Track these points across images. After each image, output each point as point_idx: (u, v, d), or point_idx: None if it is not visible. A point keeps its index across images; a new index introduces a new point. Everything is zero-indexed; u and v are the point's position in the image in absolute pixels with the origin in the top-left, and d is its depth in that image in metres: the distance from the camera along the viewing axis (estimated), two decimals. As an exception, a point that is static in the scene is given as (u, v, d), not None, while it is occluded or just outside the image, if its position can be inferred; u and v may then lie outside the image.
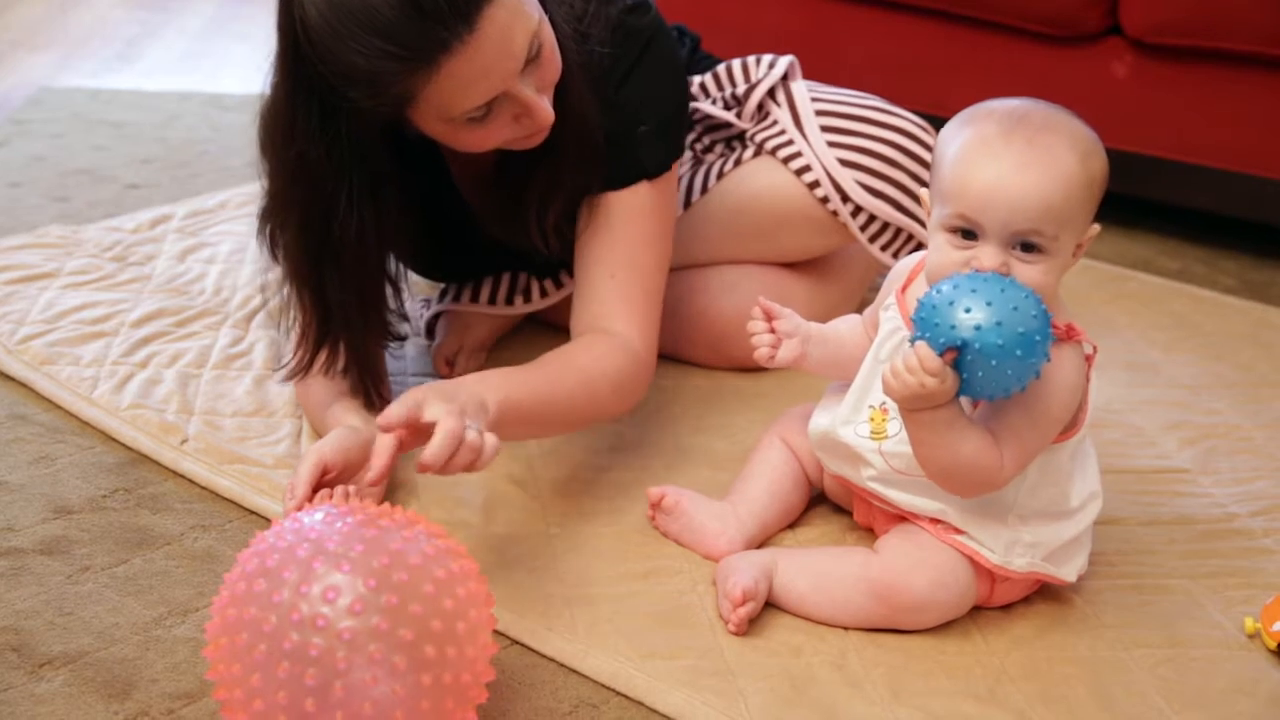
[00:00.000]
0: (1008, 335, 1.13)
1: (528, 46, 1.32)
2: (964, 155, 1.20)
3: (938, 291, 1.16)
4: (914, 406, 1.19)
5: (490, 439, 1.21)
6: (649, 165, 1.54)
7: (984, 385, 1.16)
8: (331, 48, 1.27)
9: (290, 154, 1.38)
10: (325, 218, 1.40)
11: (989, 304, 1.13)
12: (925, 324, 1.16)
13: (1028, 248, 1.19)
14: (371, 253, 1.44)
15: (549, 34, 1.37)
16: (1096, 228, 1.24)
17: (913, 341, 1.18)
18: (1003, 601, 1.33)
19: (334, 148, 1.36)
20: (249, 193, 2.24)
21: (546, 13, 1.38)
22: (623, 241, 1.53)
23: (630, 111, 1.52)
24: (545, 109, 1.37)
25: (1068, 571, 1.32)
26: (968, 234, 1.20)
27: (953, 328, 1.14)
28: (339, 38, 1.26)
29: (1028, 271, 1.19)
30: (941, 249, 1.22)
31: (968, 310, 1.14)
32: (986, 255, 1.19)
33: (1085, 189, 1.20)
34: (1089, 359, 1.26)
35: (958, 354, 1.14)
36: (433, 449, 1.16)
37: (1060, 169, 1.18)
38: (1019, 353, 1.13)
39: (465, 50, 1.27)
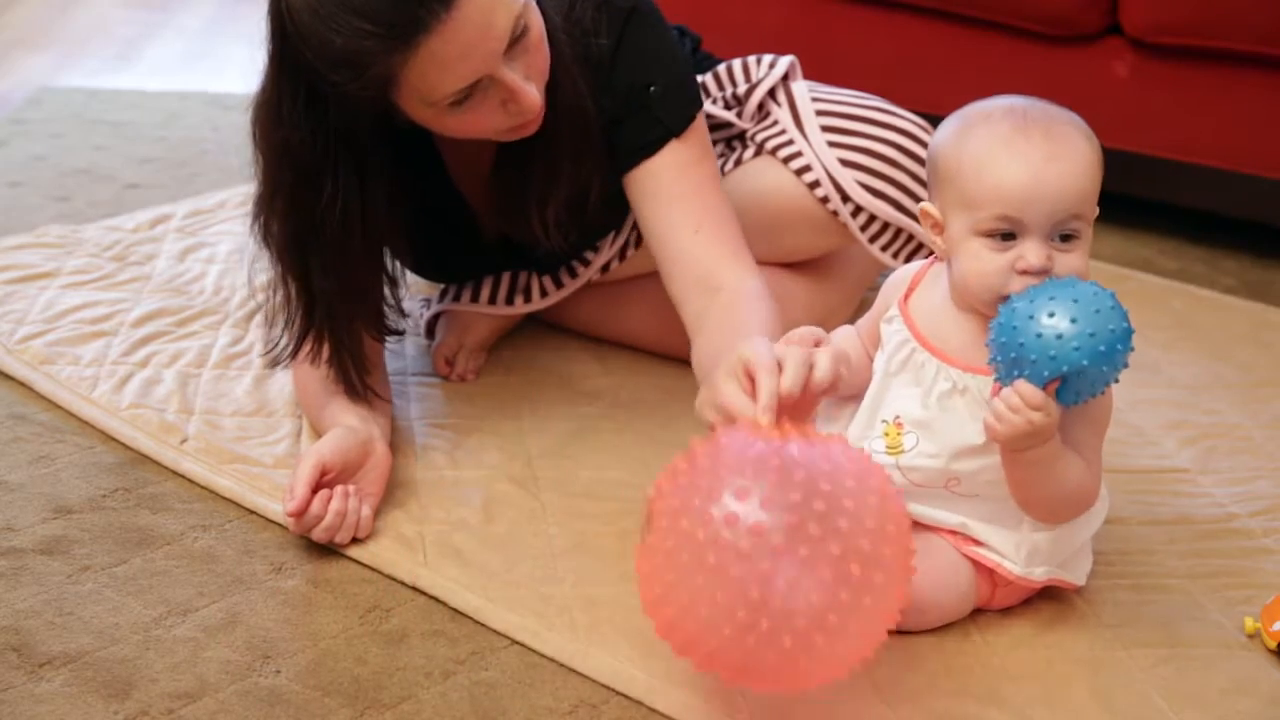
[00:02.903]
0: (1102, 341, 1.12)
1: (511, 28, 1.32)
2: (987, 157, 1.20)
3: (1014, 324, 1.14)
4: (1022, 446, 1.17)
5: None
6: (671, 123, 1.53)
7: (1081, 395, 1.16)
8: (313, 29, 1.29)
9: (277, 139, 1.39)
10: (311, 204, 1.40)
11: (1074, 320, 1.12)
12: (1020, 361, 1.14)
13: (1065, 237, 1.20)
14: (357, 242, 1.44)
15: (536, 20, 1.37)
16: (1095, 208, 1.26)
17: (998, 379, 1.17)
18: (1004, 604, 1.33)
19: (319, 134, 1.37)
20: (249, 192, 2.22)
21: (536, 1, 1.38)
22: (687, 197, 1.52)
23: (632, 81, 1.51)
24: (532, 95, 1.37)
25: (1078, 576, 1.33)
26: (1005, 235, 1.20)
27: (1053, 358, 1.12)
28: (320, 18, 1.28)
29: (1070, 260, 1.20)
30: (979, 256, 1.21)
31: (1059, 336, 1.12)
32: (1031, 251, 1.18)
33: (1099, 169, 1.22)
34: None
35: (1061, 381, 1.14)
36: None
37: (1081, 152, 1.20)
38: (1107, 349, 1.13)
39: (444, 30, 1.28)
